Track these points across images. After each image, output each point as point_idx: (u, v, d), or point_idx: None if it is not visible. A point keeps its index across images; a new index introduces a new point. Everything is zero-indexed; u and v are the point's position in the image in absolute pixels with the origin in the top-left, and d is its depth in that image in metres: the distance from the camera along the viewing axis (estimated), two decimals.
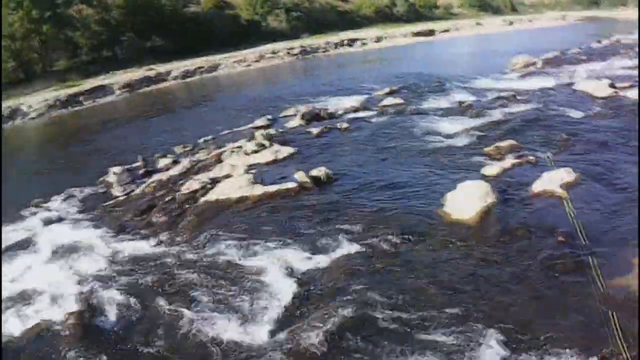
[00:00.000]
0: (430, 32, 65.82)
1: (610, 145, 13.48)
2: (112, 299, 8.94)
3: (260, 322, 7.81)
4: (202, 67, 46.25)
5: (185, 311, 8.27)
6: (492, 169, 12.35)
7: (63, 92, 36.55)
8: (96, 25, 49.37)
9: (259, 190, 12.56)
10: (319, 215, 11.04)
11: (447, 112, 18.84)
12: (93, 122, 27.83)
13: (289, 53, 53.72)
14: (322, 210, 11.24)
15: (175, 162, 16.56)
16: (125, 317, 8.48)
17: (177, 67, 45.38)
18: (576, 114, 16.90)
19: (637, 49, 31.99)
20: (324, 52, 56.34)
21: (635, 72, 23.31)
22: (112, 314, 8.59)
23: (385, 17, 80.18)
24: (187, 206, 12.54)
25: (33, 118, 32.16)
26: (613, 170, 11.74)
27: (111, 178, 15.49)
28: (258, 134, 17.32)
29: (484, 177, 11.85)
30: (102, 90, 37.84)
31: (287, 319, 7.83)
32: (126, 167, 16.26)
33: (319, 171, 12.89)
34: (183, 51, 50.43)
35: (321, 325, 7.43)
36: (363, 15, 79.66)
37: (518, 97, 20.03)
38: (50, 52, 45.91)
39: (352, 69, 39.33)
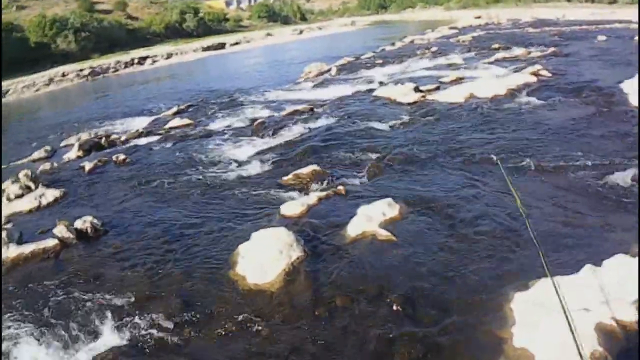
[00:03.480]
0: (221, 46, 66.11)
1: (428, 162, 11.72)
2: None
3: None
4: None
5: None
6: (293, 206, 9.89)
7: None
8: None
9: (13, 251, 9.64)
10: (80, 285, 8.25)
11: (237, 133, 16.74)
12: None
13: (78, 75, 51.68)
14: (85, 278, 8.48)
15: None
16: None
17: None
18: (382, 126, 15.28)
19: (434, 49, 32.51)
20: (114, 71, 54.55)
21: (437, 73, 23.15)
22: None
23: (176, 32, 79.09)
24: None
25: None
26: (440, 196, 9.76)
27: None
28: (22, 174, 14.49)
29: (285, 219, 9.48)
30: None
31: None
32: None
33: (84, 222, 10.13)
34: None
35: None
36: (153, 32, 78.01)
37: (315, 110, 18.34)
38: None
39: (143, 88, 37.73)
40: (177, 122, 19.92)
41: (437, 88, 19.36)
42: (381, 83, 22.20)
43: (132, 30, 76.80)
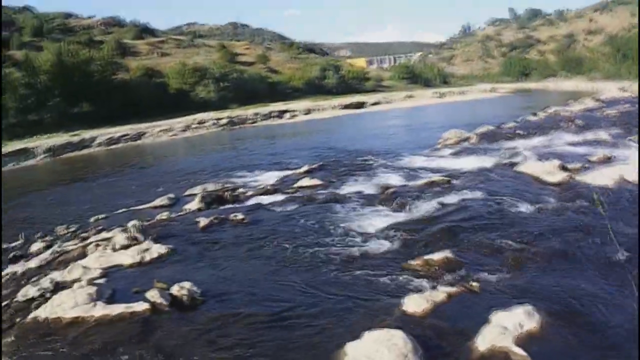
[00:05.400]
0: (361, 105, 65.68)
1: (579, 260, 9.58)
2: None
3: None
4: (128, 134, 46.35)
5: None
6: (417, 302, 8.17)
7: None
8: (23, 88, 48.81)
9: (99, 310, 8.76)
10: None
11: (367, 201, 15.20)
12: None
13: (215, 123, 52.62)
14: (165, 355, 7.33)
15: (48, 247, 13.52)
16: None
17: (103, 133, 45.40)
18: (526, 208, 13.18)
19: (579, 122, 30.43)
20: (252, 123, 55.14)
21: (583, 150, 21.17)
22: None
23: (315, 88, 79.49)
24: (16, 320, 8.92)
25: None
26: (592, 310, 7.69)
27: None
28: (131, 224, 13.55)
29: (405, 316, 7.84)
30: (24, 153, 37.97)
31: None
32: (4, 246, 13.84)
33: (181, 288, 9.10)
34: (111, 118, 50.81)
35: None
36: (293, 86, 78.78)
37: (453, 182, 16.52)
38: None
39: (279, 142, 38.20)
40: (306, 181, 18.99)
41: (585, 167, 17.28)
42: (524, 157, 20.28)
43: (272, 84, 77.96)
